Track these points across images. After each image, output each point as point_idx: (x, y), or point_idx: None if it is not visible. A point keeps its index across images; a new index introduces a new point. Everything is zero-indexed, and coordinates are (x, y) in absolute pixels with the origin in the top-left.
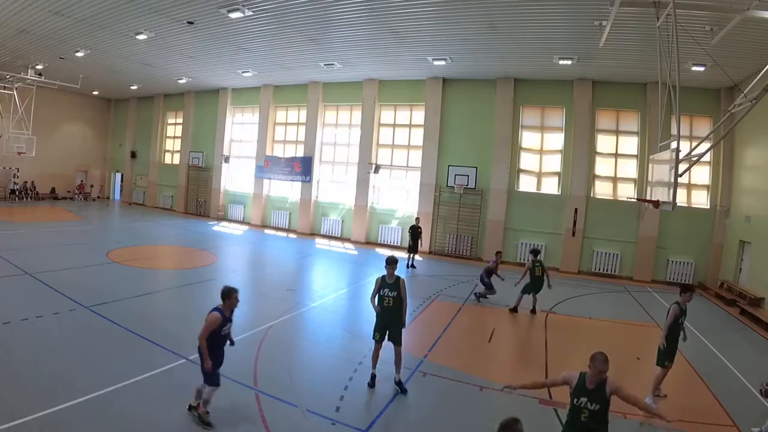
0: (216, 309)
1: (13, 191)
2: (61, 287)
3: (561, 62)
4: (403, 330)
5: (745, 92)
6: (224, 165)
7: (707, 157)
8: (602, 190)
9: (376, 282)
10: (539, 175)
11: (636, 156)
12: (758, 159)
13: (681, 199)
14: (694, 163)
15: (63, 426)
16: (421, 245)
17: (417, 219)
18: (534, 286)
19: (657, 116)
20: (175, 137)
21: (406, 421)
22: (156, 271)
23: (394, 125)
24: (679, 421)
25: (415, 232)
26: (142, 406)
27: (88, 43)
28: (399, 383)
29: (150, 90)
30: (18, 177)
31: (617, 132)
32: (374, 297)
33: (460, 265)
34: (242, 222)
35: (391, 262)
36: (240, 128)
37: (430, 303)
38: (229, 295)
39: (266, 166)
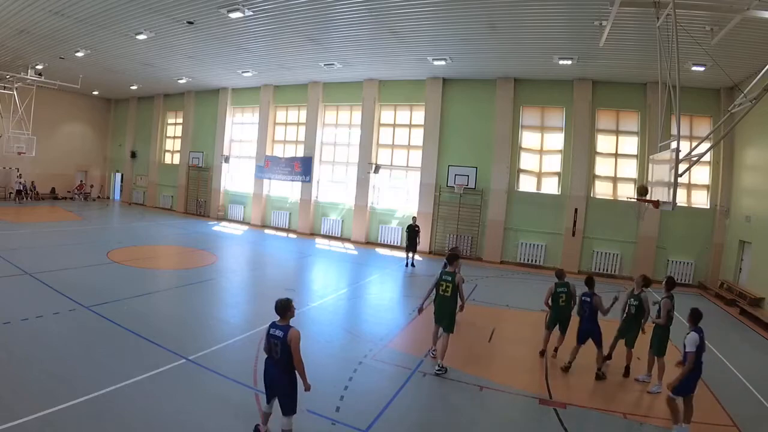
0: (290, 326)
1: (19, 192)
2: (61, 287)
3: (561, 62)
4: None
5: (745, 92)
6: (224, 165)
7: (707, 157)
8: (602, 190)
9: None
10: (539, 175)
11: (636, 156)
12: (758, 159)
13: (681, 199)
14: (694, 163)
15: (63, 426)
16: (419, 244)
17: (414, 218)
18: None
19: (657, 116)
20: (175, 137)
21: (406, 421)
22: (156, 271)
23: (394, 125)
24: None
25: (412, 231)
26: (141, 407)
27: (88, 43)
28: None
29: (150, 90)
30: (22, 177)
31: (617, 132)
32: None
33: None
34: (242, 222)
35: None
36: (240, 128)
37: (430, 303)
38: (290, 306)
39: (266, 166)
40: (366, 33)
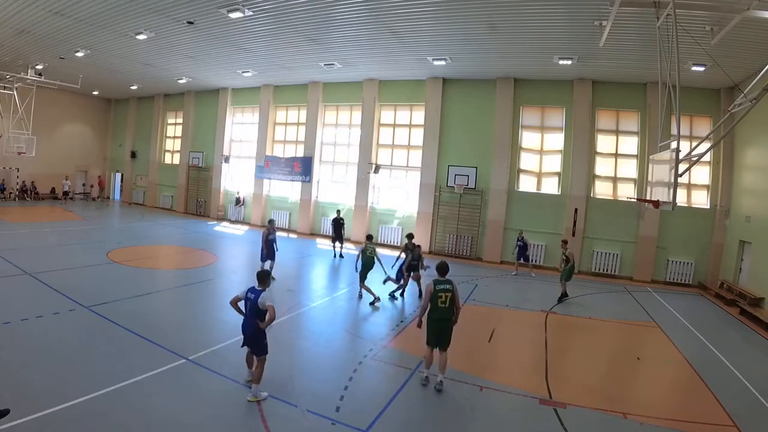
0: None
1: (20, 191)
2: (61, 287)
3: (561, 62)
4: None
5: (745, 92)
6: (224, 165)
7: (707, 157)
8: (602, 190)
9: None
10: (539, 175)
11: (636, 156)
12: (758, 159)
13: (681, 199)
14: (694, 163)
15: (63, 426)
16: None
17: (338, 211)
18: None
19: (657, 116)
20: (175, 137)
21: (406, 421)
22: (156, 271)
23: (394, 125)
24: (679, 421)
25: (337, 224)
26: (141, 407)
27: (88, 43)
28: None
29: (150, 90)
30: (18, 177)
31: (617, 132)
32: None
33: (460, 265)
34: (242, 222)
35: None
36: (240, 128)
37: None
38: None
39: (266, 166)
40: (366, 33)
